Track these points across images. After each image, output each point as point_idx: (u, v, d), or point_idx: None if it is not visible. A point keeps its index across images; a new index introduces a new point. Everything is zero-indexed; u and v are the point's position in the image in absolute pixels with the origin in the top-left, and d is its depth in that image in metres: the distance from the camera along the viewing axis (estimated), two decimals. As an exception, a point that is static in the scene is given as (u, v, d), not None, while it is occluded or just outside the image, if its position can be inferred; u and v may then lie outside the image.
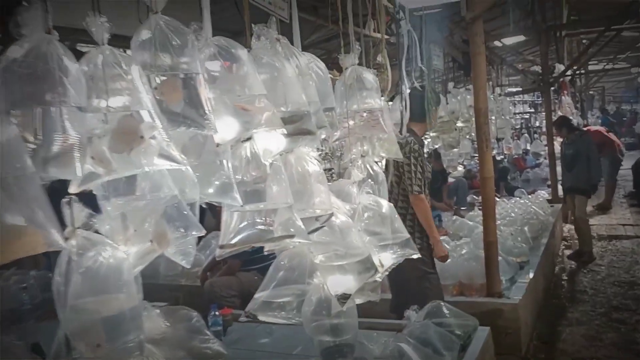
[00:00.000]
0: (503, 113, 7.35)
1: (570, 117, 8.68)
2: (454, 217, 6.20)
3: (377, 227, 2.12)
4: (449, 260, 3.68)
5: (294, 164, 1.66)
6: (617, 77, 19.54)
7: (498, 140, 8.27)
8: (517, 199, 6.99)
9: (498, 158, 8.88)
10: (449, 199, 7.22)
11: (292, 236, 1.53)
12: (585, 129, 8.97)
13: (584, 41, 11.27)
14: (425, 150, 4.36)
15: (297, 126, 1.56)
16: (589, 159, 6.34)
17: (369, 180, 2.18)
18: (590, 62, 15.55)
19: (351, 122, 2.12)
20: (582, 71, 15.23)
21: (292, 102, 1.59)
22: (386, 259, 2.03)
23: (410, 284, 3.37)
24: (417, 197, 3.29)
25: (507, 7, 7.95)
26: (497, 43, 8.67)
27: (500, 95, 7.40)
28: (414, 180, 3.27)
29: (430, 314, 3.15)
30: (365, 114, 2.13)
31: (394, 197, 3.38)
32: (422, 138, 3.68)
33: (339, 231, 1.82)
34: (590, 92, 19.45)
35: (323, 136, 1.93)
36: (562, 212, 7.53)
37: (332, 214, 1.71)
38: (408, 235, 2.17)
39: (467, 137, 6.00)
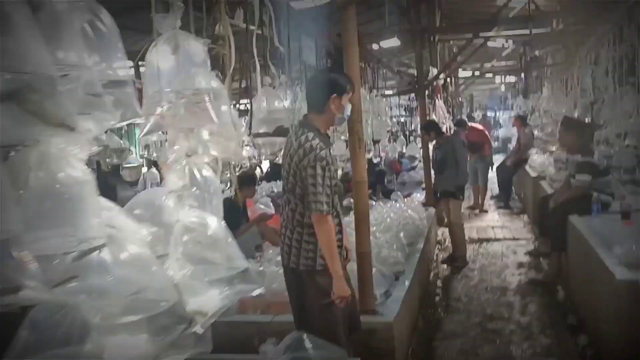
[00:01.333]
0: (379, 114, 7.11)
1: (443, 122, 8.76)
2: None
3: (204, 253, 1.52)
4: None
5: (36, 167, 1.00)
6: (483, 85, 20.80)
7: (375, 142, 8.04)
8: (394, 202, 6.77)
9: (375, 161, 8.68)
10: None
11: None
12: (470, 125, 9.20)
13: (454, 48, 11.64)
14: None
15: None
16: (457, 162, 6.26)
17: (194, 189, 1.57)
18: (461, 69, 16.38)
19: (165, 108, 1.50)
20: (453, 78, 16.00)
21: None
22: (211, 302, 1.43)
23: (313, 314, 2.78)
24: (321, 218, 2.62)
25: (383, 10, 7.85)
26: (375, 47, 8.58)
27: (376, 95, 7.15)
28: (319, 197, 2.59)
29: (291, 348, 2.63)
30: (184, 99, 1.52)
31: (288, 210, 2.79)
32: (327, 135, 2.91)
33: (130, 269, 1.19)
34: (460, 100, 20.46)
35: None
36: (437, 216, 7.48)
37: (102, 245, 1.08)
38: (247, 265, 1.60)
39: (342, 137, 5.61)
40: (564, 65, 7.10)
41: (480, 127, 10.40)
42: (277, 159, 4.75)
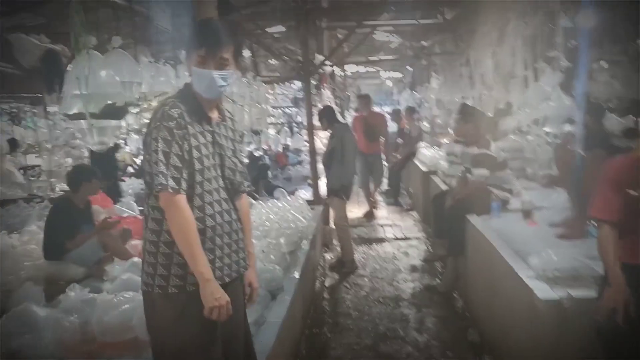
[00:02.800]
0: (259, 101, 6.23)
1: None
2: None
3: None
4: None
5: None
6: (370, 79, 20.73)
7: (255, 133, 7.18)
8: (275, 201, 5.95)
9: (257, 154, 7.81)
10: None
11: None
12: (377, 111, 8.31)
13: (339, 36, 11.10)
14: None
15: None
16: (343, 156, 5.51)
17: None
18: (348, 63, 16.00)
19: None
20: (340, 70, 15.56)
21: None
22: None
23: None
24: (166, 198, 1.86)
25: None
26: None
27: (255, 78, 6.25)
28: (160, 167, 1.84)
29: None
30: None
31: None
32: (209, 99, 2.01)
33: None
34: (347, 93, 20.23)
35: None
36: (324, 215, 6.79)
37: None
38: None
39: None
40: (457, 51, 6.72)
41: (381, 112, 9.24)
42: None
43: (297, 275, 3.96)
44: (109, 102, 2.75)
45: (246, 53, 6.84)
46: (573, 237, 3.45)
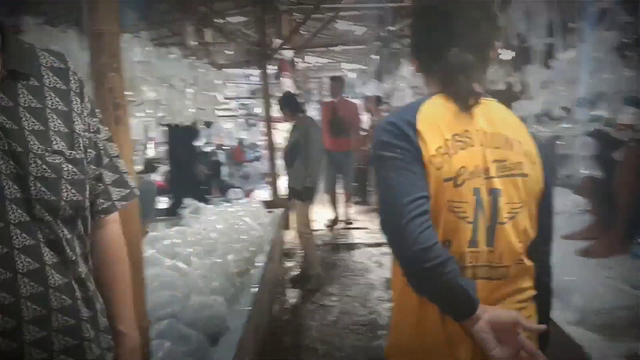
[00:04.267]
0: (207, 87, 5.27)
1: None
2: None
3: None
4: None
5: None
6: (332, 72, 19.90)
7: (207, 125, 6.23)
8: (226, 205, 5.06)
9: (208, 149, 6.86)
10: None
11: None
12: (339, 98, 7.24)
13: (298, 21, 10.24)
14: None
15: None
16: (307, 151, 4.57)
17: None
18: (309, 48, 15.12)
19: None
20: (301, 60, 14.67)
21: None
22: None
23: None
24: None
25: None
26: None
27: (202, 61, 5.29)
28: None
29: None
30: None
31: None
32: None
33: None
34: (310, 86, 19.38)
35: None
36: (284, 220, 5.93)
37: None
38: None
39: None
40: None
41: (353, 101, 8.09)
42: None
43: (247, 306, 3.08)
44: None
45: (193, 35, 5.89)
46: (602, 255, 2.70)
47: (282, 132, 7.66)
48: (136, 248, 1.80)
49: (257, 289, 3.35)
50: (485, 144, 1.16)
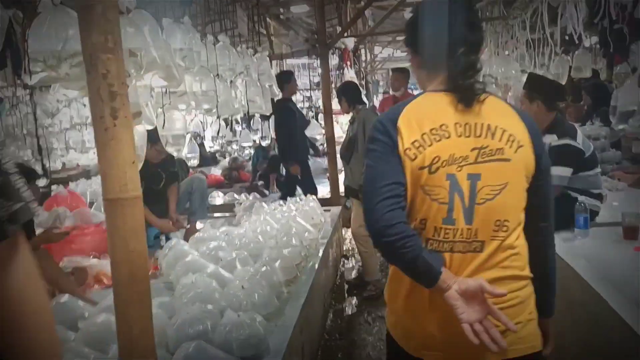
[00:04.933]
0: (261, 78, 4.97)
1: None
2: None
3: None
4: None
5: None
6: (402, 63, 19.25)
7: (263, 118, 5.96)
8: (282, 203, 4.75)
9: (264, 143, 6.59)
10: (181, 209, 4.51)
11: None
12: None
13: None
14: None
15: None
16: (364, 146, 4.16)
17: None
18: (376, 44, 14.61)
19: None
20: (368, 50, 14.19)
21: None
22: None
23: None
24: None
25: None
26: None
27: (257, 51, 4.99)
28: None
29: None
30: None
31: None
32: None
33: None
34: (375, 77, 18.86)
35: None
36: (343, 218, 5.57)
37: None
38: None
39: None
40: (513, 13, 5.27)
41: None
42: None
43: (293, 321, 2.73)
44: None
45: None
46: None
47: (343, 125, 7.29)
48: (142, 272, 1.47)
49: (305, 301, 2.99)
50: (464, 134, 1.29)
